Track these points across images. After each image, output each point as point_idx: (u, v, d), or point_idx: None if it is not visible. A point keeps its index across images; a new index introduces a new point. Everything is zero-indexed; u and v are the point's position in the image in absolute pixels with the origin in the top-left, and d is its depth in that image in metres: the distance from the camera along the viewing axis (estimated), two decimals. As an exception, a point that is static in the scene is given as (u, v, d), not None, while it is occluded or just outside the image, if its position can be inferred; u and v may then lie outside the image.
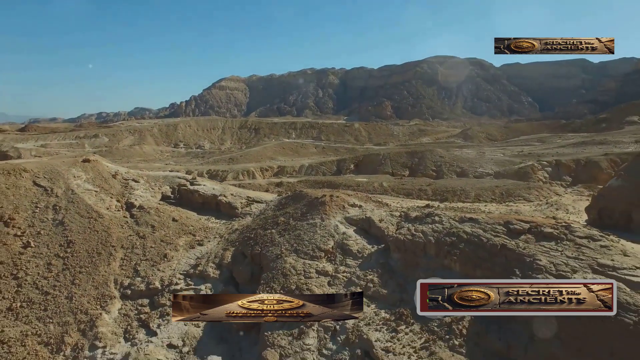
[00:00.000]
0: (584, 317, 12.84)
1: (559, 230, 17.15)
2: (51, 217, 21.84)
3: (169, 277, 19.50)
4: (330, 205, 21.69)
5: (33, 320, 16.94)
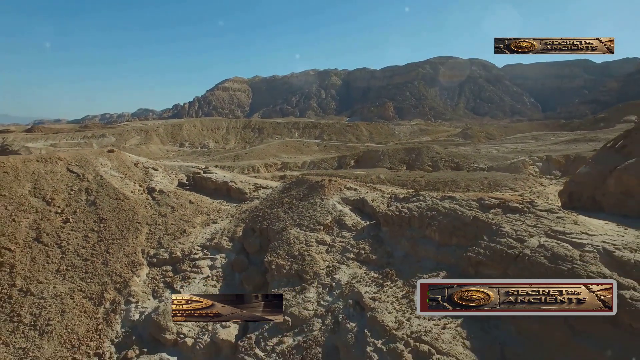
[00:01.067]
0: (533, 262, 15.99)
1: (523, 205, 20.25)
2: (84, 198, 25.23)
3: (189, 248, 22.77)
4: (329, 187, 24.92)
5: (77, 280, 20.27)
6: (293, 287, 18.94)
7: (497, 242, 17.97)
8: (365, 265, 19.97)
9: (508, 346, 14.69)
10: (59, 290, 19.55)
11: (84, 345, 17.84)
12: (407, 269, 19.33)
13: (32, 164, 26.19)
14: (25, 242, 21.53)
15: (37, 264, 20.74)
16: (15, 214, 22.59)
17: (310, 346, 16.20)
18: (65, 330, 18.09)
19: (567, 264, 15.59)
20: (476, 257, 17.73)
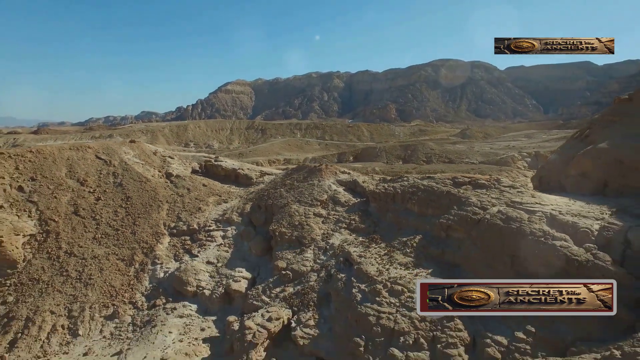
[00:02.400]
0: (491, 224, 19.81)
1: (490, 182, 24.05)
2: (112, 180, 29.31)
3: (204, 222, 26.72)
4: (326, 171, 28.84)
5: (111, 246, 24.26)
6: (294, 249, 22.79)
7: (464, 210, 21.77)
8: (355, 233, 23.79)
9: (467, 288, 18.45)
10: (96, 253, 23.54)
11: (120, 295, 21.77)
12: (390, 234, 23.13)
13: (66, 151, 30.34)
14: (65, 214, 25.58)
15: (77, 232, 24.76)
16: (56, 192, 26.67)
17: (307, 292, 20.01)
18: (105, 283, 22.04)
19: (517, 223, 19.41)
20: (446, 223, 21.55)
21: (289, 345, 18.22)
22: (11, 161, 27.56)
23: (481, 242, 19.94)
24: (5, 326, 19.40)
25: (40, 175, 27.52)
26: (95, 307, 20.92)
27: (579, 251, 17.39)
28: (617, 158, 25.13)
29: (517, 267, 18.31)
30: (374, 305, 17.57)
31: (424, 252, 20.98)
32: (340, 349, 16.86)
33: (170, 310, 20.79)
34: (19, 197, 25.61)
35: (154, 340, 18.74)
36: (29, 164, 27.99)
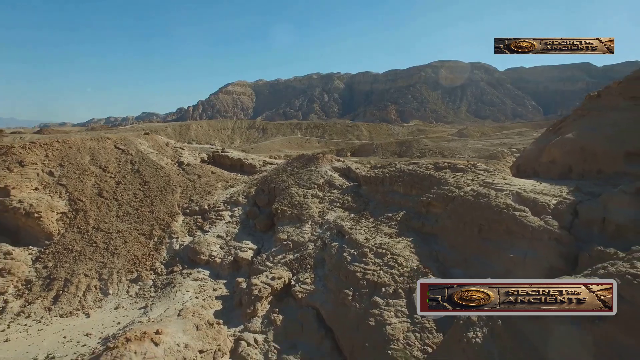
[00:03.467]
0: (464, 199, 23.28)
1: (467, 166, 27.55)
2: (130, 167, 32.89)
3: (213, 203, 30.25)
4: (323, 159, 32.38)
5: (132, 222, 27.80)
6: (294, 224, 26.29)
7: (442, 189, 25.26)
8: (348, 211, 27.27)
9: (440, 253, 21.98)
10: (120, 228, 27.08)
11: (142, 263, 25.27)
12: (378, 212, 26.61)
13: (88, 141, 33.96)
14: (91, 196, 29.15)
15: (102, 211, 28.32)
16: (81, 177, 30.25)
17: (305, 258, 23.49)
18: (128, 253, 25.56)
19: (485, 198, 22.90)
20: (427, 200, 25.05)
21: (290, 300, 21.67)
22: (41, 150, 31.18)
23: (455, 215, 23.42)
24: (48, 285, 22.93)
25: (67, 162, 31.12)
26: (121, 272, 24.44)
27: (534, 219, 20.91)
28: (580, 146, 28.73)
29: (483, 235, 21.83)
30: (361, 264, 21.06)
31: (406, 225, 24.45)
32: (333, 300, 20.32)
33: (186, 275, 24.28)
34: (50, 181, 29.20)
35: (174, 297, 22.21)
36: (56, 152, 31.61)
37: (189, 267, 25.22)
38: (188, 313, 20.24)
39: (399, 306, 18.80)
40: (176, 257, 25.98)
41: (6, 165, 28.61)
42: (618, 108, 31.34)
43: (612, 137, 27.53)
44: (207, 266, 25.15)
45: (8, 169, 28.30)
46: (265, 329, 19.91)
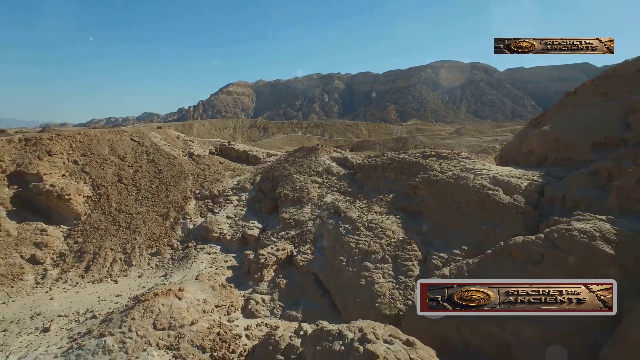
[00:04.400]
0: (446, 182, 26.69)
1: (451, 155, 30.95)
2: (145, 157, 36.36)
3: (222, 189, 33.68)
4: (322, 150, 35.83)
5: (150, 205, 31.24)
6: (295, 206, 29.71)
7: (428, 174, 28.68)
8: (344, 194, 30.69)
9: (424, 227, 25.36)
10: (139, 210, 30.52)
11: (160, 240, 28.68)
12: (371, 195, 30.01)
13: (107, 134, 37.46)
14: (112, 182, 32.60)
15: (122, 195, 31.77)
16: (102, 165, 33.72)
17: (305, 234, 26.89)
18: (148, 231, 28.98)
19: (464, 180, 26.33)
20: (414, 183, 28.47)
21: (292, 268, 25.06)
22: (66, 141, 34.67)
23: (437, 196, 26.85)
24: (79, 257, 26.36)
25: (89, 152, 34.60)
26: (142, 247, 27.86)
27: (505, 197, 24.40)
28: (554, 137, 32.22)
29: (461, 211, 25.28)
30: (354, 236, 24.47)
31: (395, 205, 27.86)
32: (329, 266, 23.71)
33: (200, 249, 27.69)
34: (75, 169, 32.68)
35: (190, 267, 25.62)
36: (79, 143, 35.09)
37: (202, 243, 28.63)
38: (204, 277, 23.65)
39: (386, 269, 22.19)
40: (190, 235, 29.38)
41: (36, 154, 32.09)
42: (590, 103, 34.92)
43: (582, 129, 31.07)
44: (218, 242, 28.56)
45: (38, 158, 31.78)
46: (271, 291, 23.29)
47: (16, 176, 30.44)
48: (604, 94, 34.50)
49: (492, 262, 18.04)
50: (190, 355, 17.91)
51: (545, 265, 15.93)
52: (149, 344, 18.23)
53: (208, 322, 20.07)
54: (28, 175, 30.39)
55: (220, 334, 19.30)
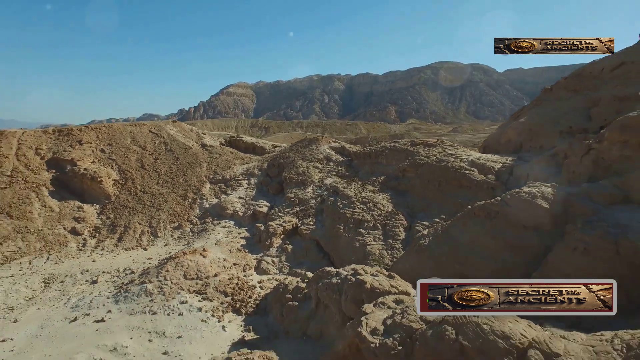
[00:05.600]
0: (430, 164, 31.30)
1: (437, 143, 35.57)
2: (164, 147, 41.01)
3: (233, 174, 38.30)
4: (322, 140, 40.48)
5: (170, 187, 35.84)
6: (299, 187, 34.30)
7: (415, 158, 33.30)
8: (342, 178, 35.29)
9: (410, 202, 29.94)
10: (161, 192, 35.12)
11: (181, 216, 33.25)
12: (365, 177, 34.60)
13: (128, 127, 42.13)
14: (135, 168, 37.21)
15: (145, 179, 36.38)
16: (126, 154, 38.37)
17: (308, 209, 31.45)
18: (170, 209, 33.56)
19: (445, 162, 30.94)
20: (402, 167, 33.09)
21: (297, 237, 29.61)
22: (93, 132, 39.33)
23: (422, 176, 31.47)
24: (112, 230, 30.93)
25: (114, 142, 39.25)
26: (166, 222, 32.43)
27: (479, 176, 29.03)
28: (528, 127, 36.96)
29: (442, 188, 29.90)
30: (350, 209, 29.05)
31: (386, 185, 32.46)
32: (329, 233, 28.27)
33: (216, 224, 32.26)
34: (102, 156, 37.31)
35: (209, 237, 30.17)
36: (104, 134, 39.75)
37: (218, 219, 33.19)
38: (222, 243, 28.24)
39: (377, 235, 26.76)
40: (207, 212, 33.95)
41: (69, 143, 36.74)
42: (561, 98, 39.80)
43: (552, 120, 35.89)
44: (232, 218, 33.12)
45: (71, 146, 36.42)
46: (279, 254, 27.84)
47: (53, 162, 35.07)
48: (574, 90, 39.34)
49: (460, 222, 22.63)
50: (215, 298, 22.47)
51: (499, 219, 20.58)
52: (182, 289, 22.81)
53: (228, 275, 24.62)
54: (63, 161, 35.01)
55: (238, 283, 23.86)
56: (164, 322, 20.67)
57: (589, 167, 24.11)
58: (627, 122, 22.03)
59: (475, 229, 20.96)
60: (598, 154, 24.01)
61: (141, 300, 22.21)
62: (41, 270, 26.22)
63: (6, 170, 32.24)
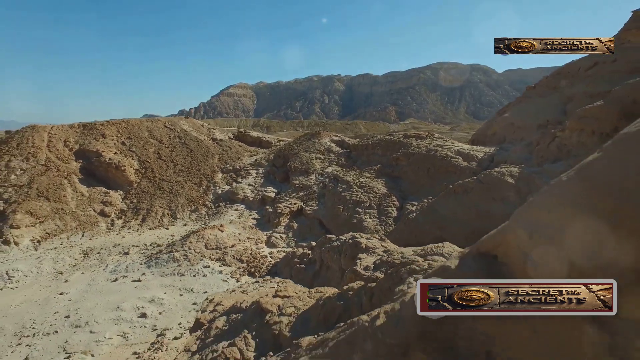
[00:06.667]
0: (420, 153, 35.52)
1: (427, 135, 39.76)
2: (178, 140, 45.24)
3: (243, 165, 42.51)
4: (323, 134, 44.72)
5: (186, 176, 40.03)
6: (303, 175, 38.48)
7: (407, 149, 37.48)
8: (341, 167, 39.47)
9: (402, 187, 34.11)
10: (178, 180, 39.30)
11: (197, 201, 37.41)
12: (363, 166, 38.77)
13: (144, 122, 46.37)
14: (154, 159, 41.41)
15: (163, 168, 40.57)
16: (145, 146, 42.58)
17: (311, 193, 35.60)
18: (186, 194, 37.72)
19: (433, 152, 35.12)
20: (396, 156, 37.28)
21: (302, 217, 33.75)
22: (114, 127, 43.56)
23: (413, 164, 35.63)
24: (136, 212, 35.09)
25: (133, 135, 43.47)
26: (183, 206, 36.58)
27: (463, 163, 33.17)
28: (510, 122, 41.23)
29: (430, 174, 34.03)
30: (348, 192, 33.21)
31: (381, 172, 36.64)
32: (330, 213, 32.41)
33: (229, 207, 36.42)
34: (123, 148, 41.52)
35: (223, 218, 34.31)
36: (124, 129, 43.97)
37: (230, 203, 37.34)
38: (236, 222, 32.37)
39: (372, 213, 30.90)
40: (220, 197, 38.12)
41: (93, 136, 40.97)
42: (543, 95, 44.10)
43: (532, 115, 40.22)
44: (243, 202, 37.28)
45: (95, 139, 40.64)
46: (287, 231, 31.99)
47: (80, 153, 39.27)
48: (553, 88, 43.67)
49: (443, 198, 26.80)
50: (233, 264, 26.61)
51: (473, 194, 24.73)
52: (204, 257, 26.95)
53: (243, 246, 28.78)
54: (89, 152, 39.21)
55: (252, 253, 28.00)
56: (191, 282, 24.83)
57: (554, 152, 28.40)
58: (582, 113, 26.36)
59: (455, 202, 25.16)
60: (561, 140, 28.33)
61: (170, 265, 26.38)
62: (79, 244, 30.36)
63: (41, 160, 36.43)
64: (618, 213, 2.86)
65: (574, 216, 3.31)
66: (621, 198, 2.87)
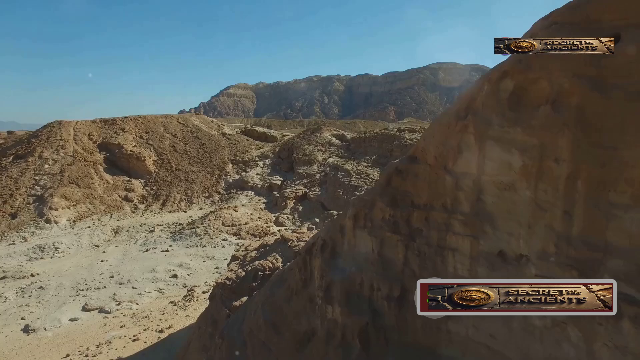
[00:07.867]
0: (413, 145, 40.05)
1: (420, 129, 44.21)
2: (191, 135, 49.71)
3: (251, 157, 46.98)
4: (325, 128, 49.21)
5: (200, 166, 44.48)
6: (306, 165, 42.93)
7: (401, 141, 41.95)
8: (340, 158, 43.92)
9: (396, 174, 38.66)
10: (192, 170, 43.73)
11: (210, 188, 41.82)
12: (360, 157, 43.22)
13: (159, 118, 50.85)
14: (170, 151, 45.85)
15: (178, 160, 45.00)
16: (161, 140, 47.05)
17: (314, 181, 40.04)
18: (201, 183, 42.13)
19: (423, 142, 39.59)
20: (390, 147, 41.76)
21: (306, 201, 38.18)
22: (132, 122, 48.02)
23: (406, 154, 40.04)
24: (156, 198, 39.51)
25: (150, 130, 47.92)
26: (199, 192, 40.99)
27: (449, 152, 37.66)
28: (495, 116, 45.94)
29: (421, 162, 38.56)
30: (347, 179, 37.67)
31: (376, 162, 41.08)
32: (331, 196, 36.85)
33: (239, 193, 40.85)
34: (141, 141, 45.98)
35: (235, 202, 38.71)
36: (141, 124, 48.43)
37: (240, 190, 41.78)
38: (247, 205, 36.79)
39: (368, 196, 35.30)
40: (231, 185, 42.56)
41: (114, 131, 45.42)
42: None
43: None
44: (252, 189, 41.73)
45: (116, 133, 45.09)
46: (293, 213, 36.41)
47: (103, 146, 43.72)
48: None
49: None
50: (248, 237, 31.03)
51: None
52: (222, 232, 31.40)
53: (255, 224, 33.22)
54: (111, 145, 43.66)
55: (263, 229, 32.41)
56: (212, 251, 29.28)
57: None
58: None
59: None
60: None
61: (192, 239, 30.81)
62: (108, 224, 34.77)
63: (69, 152, 40.88)
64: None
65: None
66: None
